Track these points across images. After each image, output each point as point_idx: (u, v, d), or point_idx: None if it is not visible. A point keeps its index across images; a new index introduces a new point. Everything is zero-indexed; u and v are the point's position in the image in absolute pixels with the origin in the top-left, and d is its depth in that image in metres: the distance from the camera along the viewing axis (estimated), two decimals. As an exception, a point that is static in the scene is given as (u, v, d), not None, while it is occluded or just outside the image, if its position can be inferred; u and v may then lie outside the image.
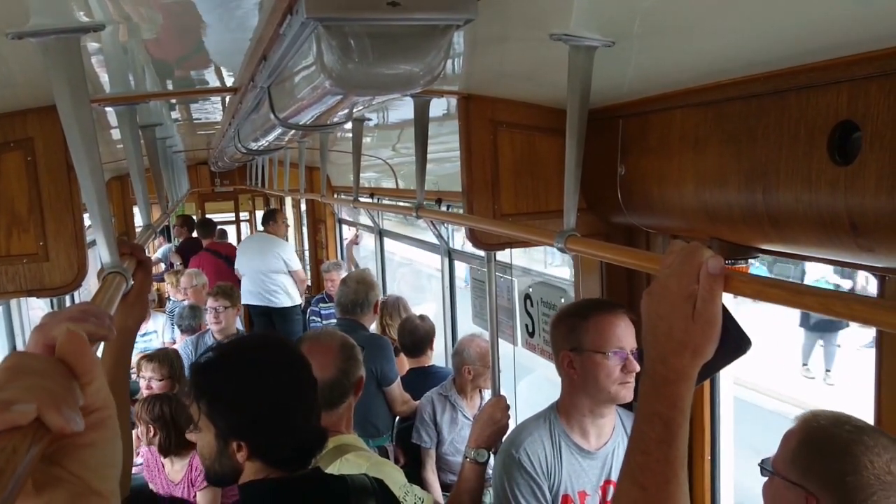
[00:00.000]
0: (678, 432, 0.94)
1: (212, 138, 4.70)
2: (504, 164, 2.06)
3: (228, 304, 4.54)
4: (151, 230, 2.41)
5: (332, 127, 2.28)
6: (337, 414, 2.13)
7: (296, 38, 1.12)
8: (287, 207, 9.76)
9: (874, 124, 1.07)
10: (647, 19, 1.22)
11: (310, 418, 1.60)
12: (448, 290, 4.66)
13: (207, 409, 1.54)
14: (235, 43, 1.57)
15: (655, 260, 1.05)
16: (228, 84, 2.13)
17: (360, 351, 2.28)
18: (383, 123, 3.23)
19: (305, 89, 1.23)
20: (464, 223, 2.11)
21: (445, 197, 3.55)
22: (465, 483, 2.20)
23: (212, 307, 4.54)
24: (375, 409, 3.50)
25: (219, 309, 4.50)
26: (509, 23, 1.32)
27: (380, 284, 5.77)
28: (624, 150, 1.84)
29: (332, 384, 2.15)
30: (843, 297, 0.79)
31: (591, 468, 2.04)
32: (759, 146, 1.32)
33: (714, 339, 0.92)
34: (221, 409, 1.53)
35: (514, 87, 2.01)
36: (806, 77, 1.20)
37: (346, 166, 4.34)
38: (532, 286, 3.09)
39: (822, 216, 1.18)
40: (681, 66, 1.47)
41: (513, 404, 2.40)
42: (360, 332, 3.82)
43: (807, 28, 1.10)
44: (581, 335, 1.97)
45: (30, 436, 0.48)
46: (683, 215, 1.65)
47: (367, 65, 1.01)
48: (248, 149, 2.94)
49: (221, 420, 1.53)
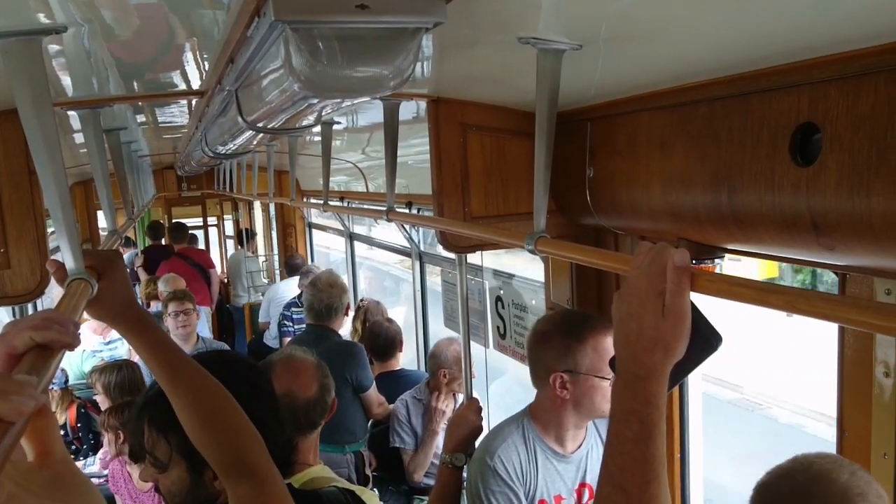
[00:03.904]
0: (654, 430, 0.94)
1: (178, 142, 4.64)
2: (474, 167, 2.07)
3: (191, 306, 4.43)
4: (116, 236, 2.37)
5: (300, 130, 2.27)
6: (311, 439, 2.10)
7: (263, 41, 1.11)
8: (256, 211, 9.68)
9: (833, 126, 1.10)
10: (613, 24, 1.23)
11: (281, 431, 1.57)
12: (419, 294, 4.66)
13: (179, 442, 1.40)
14: (202, 45, 1.55)
15: (624, 260, 1.06)
16: (195, 87, 2.11)
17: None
18: (352, 127, 3.22)
19: (273, 92, 1.22)
20: (434, 226, 2.12)
21: (416, 200, 3.55)
22: (443, 488, 2.19)
23: (178, 311, 4.34)
24: (352, 416, 3.48)
25: (187, 311, 4.39)
26: (478, 26, 1.33)
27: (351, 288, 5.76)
28: (592, 153, 1.86)
29: (315, 402, 2.14)
30: (807, 294, 0.80)
31: (567, 472, 2.04)
32: (723, 148, 1.34)
33: (684, 335, 0.93)
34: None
35: (484, 90, 2.02)
36: (767, 80, 1.22)
37: (316, 170, 4.32)
38: (503, 288, 3.10)
39: (785, 216, 1.21)
40: (647, 70, 1.49)
41: (485, 406, 2.41)
42: (333, 338, 3.80)
43: (768, 32, 1.12)
44: (578, 358, 1.92)
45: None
46: (651, 216, 1.67)
47: (336, 68, 1.00)
48: (216, 153, 2.91)
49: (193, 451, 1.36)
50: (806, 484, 1.17)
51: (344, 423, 3.29)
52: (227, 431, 1.31)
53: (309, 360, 2.27)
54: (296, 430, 2.01)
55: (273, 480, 1.32)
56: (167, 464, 1.47)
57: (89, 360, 4.77)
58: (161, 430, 1.46)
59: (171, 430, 1.40)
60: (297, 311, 5.52)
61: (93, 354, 4.86)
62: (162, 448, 1.47)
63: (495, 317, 3.17)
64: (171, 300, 4.44)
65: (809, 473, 1.18)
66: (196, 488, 1.46)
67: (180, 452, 1.44)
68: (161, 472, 1.48)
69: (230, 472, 1.30)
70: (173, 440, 1.44)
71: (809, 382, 8.82)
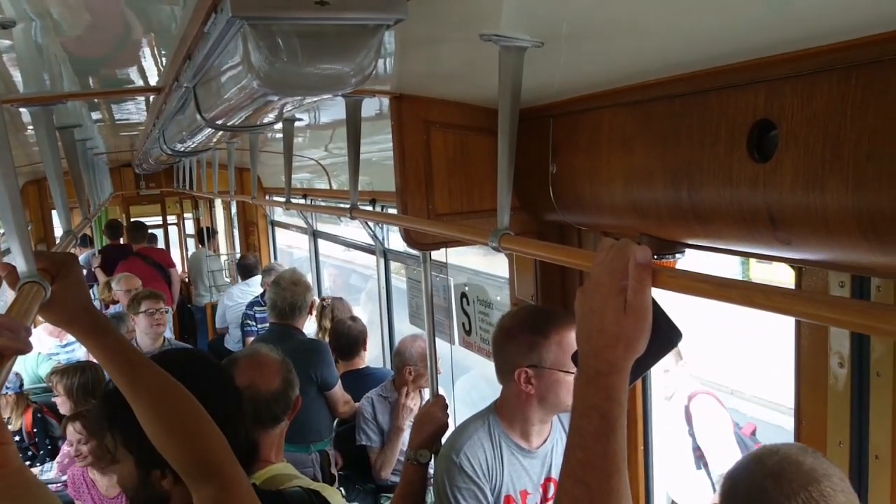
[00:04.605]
0: (616, 425, 0.95)
1: (136, 140, 4.54)
2: (437, 164, 2.07)
3: (163, 307, 4.38)
4: (72, 236, 2.31)
5: (261, 128, 2.24)
6: (273, 435, 2.08)
7: (221, 37, 1.09)
8: (217, 209, 9.54)
9: (789, 123, 1.12)
10: (575, 21, 1.24)
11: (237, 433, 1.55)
12: (384, 291, 4.64)
13: (123, 439, 1.43)
14: (159, 41, 1.52)
15: (588, 257, 1.07)
16: (152, 83, 2.06)
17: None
18: (315, 124, 3.19)
19: (232, 89, 1.20)
20: (398, 223, 2.11)
21: (379, 197, 3.53)
22: (407, 485, 2.19)
23: (154, 309, 4.26)
24: (316, 414, 3.46)
25: (162, 311, 4.31)
26: (440, 23, 1.33)
27: (315, 286, 5.71)
28: (555, 149, 1.87)
29: (278, 395, 2.12)
30: (764, 289, 0.82)
31: (532, 467, 2.06)
32: (683, 145, 1.36)
33: (645, 331, 0.94)
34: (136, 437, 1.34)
35: (446, 87, 2.01)
36: (725, 77, 1.24)
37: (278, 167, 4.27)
38: (468, 284, 3.11)
39: (743, 212, 1.23)
40: (608, 67, 1.50)
41: (451, 403, 2.41)
42: (297, 336, 3.77)
43: (725, 30, 1.14)
44: (543, 353, 1.93)
45: None
46: (613, 212, 1.69)
47: (297, 65, 0.99)
48: (174, 150, 2.86)
49: (138, 449, 1.40)
50: (775, 466, 1.24)
51: (309, 422, 3.27)
52: (188, 434, 1.29)
53: (273, 355, 2.27)
54: (257, 423, 1.99)
55: (238, 481, 1.31)
56: (114, 455, 1.49)
57: (45, 363, 4.66)
58: (110, 423, 1.47)
59: (117, 426, 1.43)
60: (260, 310, 5.45)
61: (49, 357, 4.75)
62: (110, 441, 1.49)
63: (460, 313, 3.17)
64: (146, 298, 4.37)
65: (777, 457, 1.26)
66: (143, 486, 1.47)
67: (126, 448, 1.45)
68: (110, 462, 1.49)
69: (193, 473, 1.29)
70: (118, 435, 1.45)
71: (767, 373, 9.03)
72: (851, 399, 1.45)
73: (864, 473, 1.44)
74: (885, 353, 1.39)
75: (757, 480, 1.25)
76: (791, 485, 1.20)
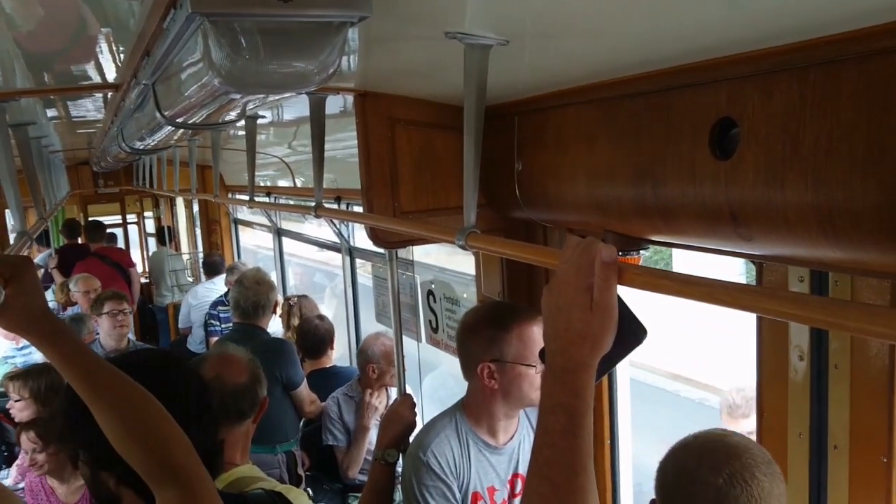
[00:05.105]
0: (582, 422, 0.95)
1: (93, 137, 4.44)
2: (403, 162, 2.06)
3: (127, 308, 4.29)
4: (27, 237, 2.24)
5: (223, 125, 2.21)
6: (238, 433, 2.05)
7: (181, 34, 1.07)
8: (179, 208, 9.38)
9: (750, 121, 1.14)
10: (539, 19, 1.24)
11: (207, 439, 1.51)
12: (350, 289, 4.62)
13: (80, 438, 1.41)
14: (116, 36, 1.49)
15: (554, 255, 1.08)
16: (110, 80, 2.02)
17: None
18: (278, 121, 3.15)
19: (193, 87, 1.18)
20: (364, 222, 2.09)
21: (345, 195, 3.51)
22: (376, 485, 2.18)
23: (116, 310, 4.20)
24: (282, 414, 3.42)
25: (127, 311, 4.23)
26: (404, 20, 1.32)
27: (280, 285, 5.65)
28: (520, 147, 1.87)
29: (246, 389, 2.11)
30: (728, 286, 0.83)
31: (499, 463, 2.06)
32: (646, 142, 1.37)
33: (612, 329, 0.95)
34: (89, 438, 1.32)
35: (411, 85, 2.00)
36: (688, 76, 1.26)
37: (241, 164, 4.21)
38: (434, 282, 3.11)
39: (706, 208, 1.24)
40: (572, 65, 1.51)
41: (419, 401, 2.40)
42: (261, 335, 3.73)
43: (688, 29, 1.15)
44: (504, 347, 1.93)
45: None
46: (578, 209, 1.70)
47: (259, 62, 0.97)
48: (134, 148, 2.80)
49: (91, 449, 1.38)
50: (699, 447, 1.33)
51: (275, 422, 3.23)
52: (151, 438, 1.27)
53: (242, 353, 2.28)
54: (222, 417, 1.96)
55: (203, 485, 1.29)
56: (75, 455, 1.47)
57: (1, 367, 4.53)
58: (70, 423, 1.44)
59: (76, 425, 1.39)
60: (224, 309, 5.37)
61: (4, 361, 4.62)
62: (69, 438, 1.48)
63: (427, 311, 3.17)
64: (109, 299, 4.31)
65: (700, 440, 1.34)
66: (94, 485, 1.45)
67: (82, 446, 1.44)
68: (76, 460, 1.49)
69: (156, 477, 1.27)
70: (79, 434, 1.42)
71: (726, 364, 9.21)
72: (811, 391, 1.48)
73: (824, 463, 1.47)
74: (842, 345, 1.43)
75: (684, 463, 1.32)
76: (715, 460, 1.27)
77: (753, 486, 1.24)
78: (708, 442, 1.33)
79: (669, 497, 1.33)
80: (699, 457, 1.30)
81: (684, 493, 1.29)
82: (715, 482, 1.25)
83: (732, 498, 1.23)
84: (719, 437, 1.35)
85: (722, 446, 1.31)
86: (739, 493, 1.23)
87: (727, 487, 1.24)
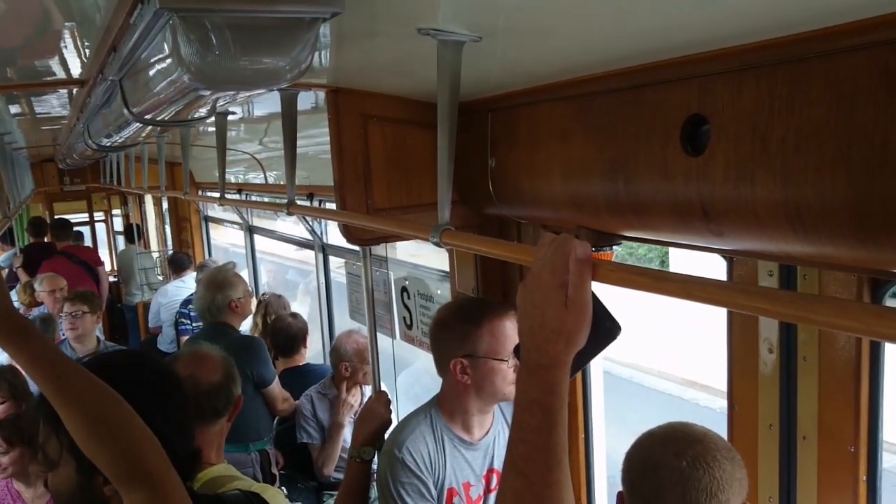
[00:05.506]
0: (557, 418, 0.96)
1: (58, 134, 4.35)
2: (376, 159, 2.05)
3: (87, 309, 4.23)
4: (-9, 236, 2.19)
5: (193, 122, 2.17)
6: (213, 432, 2.03)
7: (148, 29, 1.05)
8: (147, 205, 9.23)
9: (720, 117, 1.15)
10: (511, 16, 1.24)
11: (184, 439, 1.51)
12: (324, 287, 4.59)
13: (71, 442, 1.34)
14: (81, 31, 1.45)
15: (528, 252, 1.08)
16: (75, 76, 1.97)
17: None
18: (249, 117, 3.11)
19: (162, 83, 1.16)
20: (338, 219, 2.08)
21: (317, 192, 3.48)
22: (351, 482, 2.18)
23: (68, 312, 4.19)
24: (255, 413, 3.39)
25: (76, 314, 4.18)
26: (377, 16, 1.31)
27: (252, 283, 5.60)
28: (494, 143, 1.87)
29: (220, 387, 2.10)
30: (702, 282, 0.84)
31: (474, 459, 2.07)
32: (619, 138, 1.38)
33: (586, 325, 0.96)
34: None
35: (384, 81, 1.99)
36: (660, 73, 1.27)
37: (211, 161, 4.15)
38: (408, 278, 3.10)
39: (678, 204, 1.26)
40: (545, 62, 1.52)
41: (393, 398, 2.40)
42: (232, 334, 3.69)
43: (660, 27, 1.16)
44: (476, 342, 1.93)
45: None
46: (552, 205, 1.71)
47: (229, 59, 0.96)
48: (100, 145, 2.75)
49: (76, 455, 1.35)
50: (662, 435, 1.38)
51: (247, 420, 3.20)
52: (119, 440, 1.25)
53: (216, 351, 2.27)
54: (196, 417, 1.94)
55: (171, 488, 1.28)
56: (57, 461, 1.42)
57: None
58: (53, 426, 1.39)
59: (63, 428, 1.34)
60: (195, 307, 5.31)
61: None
62: (53, 445, 1.42)
63: (401, 308, 3.16)
64: (68, 300, 4.29)
65: (664, 429, 1.40)
66: (83, 491, 1.42)
67: (70, 452, 1.38)
68: (50, 469, 1.44)
69: (123, 480, 1.26)
70: (65, 438, 1.38)
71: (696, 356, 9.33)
72: (780, 383, 1.51)
73: (794, 454, 1.50)
74: (810, 338, 1.45)
75: (649, 451, 1.37)
76: (679, 446, 1.32)
77: (715, 469, 1.29)
78: (671, 431, 1.39)
79: (636, 484, 1.36)
80: (663, 444, 1.35)
81: (650, 478, 1.33)
82: (679, 465, 1.29)
83: (695, 480, 1.28)
84: (681, 427, 1.40)
85: (684, 434, 1.36)
86: (702, 475, 1.28)
87: (690, 470, 1.29)
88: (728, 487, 1.28)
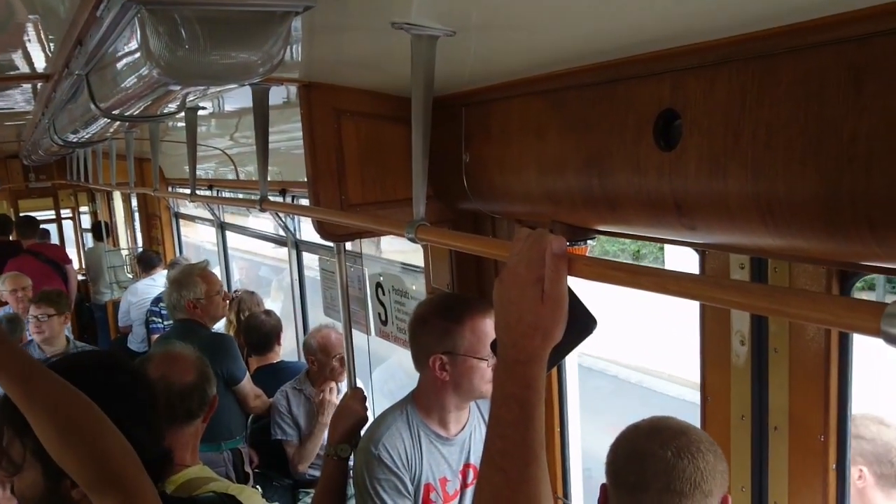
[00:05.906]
0: (534, 413, 0.96)
1: (22, 129, 4.26)
2: (349, 154, 2.03)
3: (53, 311, 4.16)
4: (-47, 235, 2.13)
5: (162, 118, 2.14)
6: (187, 433, 2.01)
7: (116, 22, 1.03)
8: (116, 202, 9.08)
9: (692, 112, 1.16)
10: (485, 11, 1.24)
11: (155, 441, 1.48)
12: (297, 283, 4.56)
13: (35, 446, 1.32)
14: (46, 24, 1.42)
15: (504, 247, 1.08)
16: (39, 70, 1.93)
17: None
18: (219, 112, 3.07)
19: (130, 78, 1.14)
20: (311, 215, 2.06)
21: (290, 188, 3.45)
22: (328, 480, 2.16)
23: (34, 315, 4.16)
24: (227, 411, 3.35)
25: (41, 318, 4.12)
26: (350, 10, 1.29)
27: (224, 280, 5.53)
28: (468, 138, 1.87)
29: (194, 388, 2.08)
30: (677, 276, 0.84)
31: (451, 454, 2.07)
32: (593, 133, 1.39)
33: (562, 320, 0.96)
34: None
35: (357, 76, 1.98)
36: (633, 68, 1.27)
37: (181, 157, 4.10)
38: (382, 274, 3.09)
39: (651, 198, 1.26)
40: (519, 56, 1.51)
41: (369, 394, 2.39)
42: (202, 331, 3.65)
43: (632, 21, 1.17)
44: (456, 339, 1.94)
45: None
46: (526, 200, 1.71)
47: (200, 53, 0.94)
48: (67, 141, 2.69)
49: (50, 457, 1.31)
50: (647, 427, 1.40)
51: (219, 419, 3.15)
52: (89, 444, 1.23)
53: (189, 351, 2.25)
54: (170, 419, 1.91)
55: (143, 492, 1.26)
56: (21, 465, 1.39)
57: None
58: (17, 430, 1.36)
59: (27, 432, 1.31)
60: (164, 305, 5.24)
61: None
62: (16, 449, 1.39)
63: (376, 303, 3.15)
64: (34, 302, 4.28)
65: (648, 421, 1.42)
66: (50, 495, 1.38)
67: (35, 455, 1.36)
68: (14, 473, 1.40)
69: (95, 485, 1.24)
70: (28, 442, 1.35)
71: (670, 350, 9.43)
72: (752, 375, 1.53)
73: (765, 444, 1.53)
74: (781, 330, 1.48)
75: (634, 442, 1.39)
76: (664, 438, 1.35)
77: (699, 460, 1.31)
78: (656, 423, 1.41)
79: (620, 476, 1.38)
80: (648, 435, 1.37)
81: (635, 468, 1.35)
82: (664, 455, 1.31)
83: (680, 469, 1.30)
84: (665, 419, 1.42)
85: (668, 426, 1.38)
86: (686, 465, 1.30)
87: (675, 460, 1.31)
88: (711, 478, 1.31)
